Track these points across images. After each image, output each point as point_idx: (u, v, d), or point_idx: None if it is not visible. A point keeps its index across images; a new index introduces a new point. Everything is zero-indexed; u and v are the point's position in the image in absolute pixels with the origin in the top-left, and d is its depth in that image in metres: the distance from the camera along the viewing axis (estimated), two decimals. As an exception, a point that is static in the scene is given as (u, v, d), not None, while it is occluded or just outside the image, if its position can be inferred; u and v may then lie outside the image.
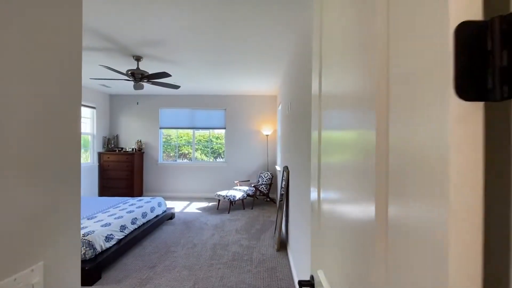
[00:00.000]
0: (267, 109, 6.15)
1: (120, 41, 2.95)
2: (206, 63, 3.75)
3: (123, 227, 3.11)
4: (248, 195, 5.25)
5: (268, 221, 4.34)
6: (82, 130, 5.59)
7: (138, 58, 3.48)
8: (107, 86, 5.45)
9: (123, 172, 5.83)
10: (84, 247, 2.55)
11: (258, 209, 5.13)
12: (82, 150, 5.71)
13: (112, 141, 6.18)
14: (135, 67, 3.53)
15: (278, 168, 5.14)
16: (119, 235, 3.00)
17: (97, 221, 3.08)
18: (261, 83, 5.06)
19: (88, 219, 3.20)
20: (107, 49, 3.23)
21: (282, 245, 3.33)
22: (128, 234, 3.19)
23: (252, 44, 3.15)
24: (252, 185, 5.42)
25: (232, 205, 5.08)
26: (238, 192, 5.03)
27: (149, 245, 3.34)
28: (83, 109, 5.54)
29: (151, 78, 3.41)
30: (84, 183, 5.51)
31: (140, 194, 6.14)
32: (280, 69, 4.00)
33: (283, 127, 4.22)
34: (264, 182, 5.50)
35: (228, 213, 4.81)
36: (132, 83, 4.44)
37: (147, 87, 5.35)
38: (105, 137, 6.11)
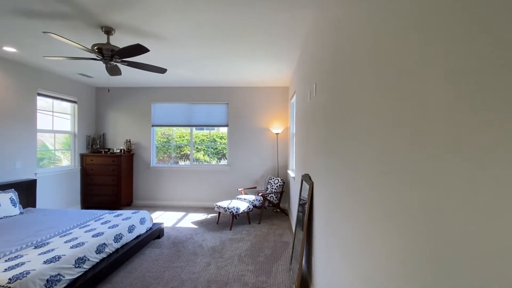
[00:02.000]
0: (277, 103, 5.22)
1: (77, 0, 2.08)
2: (202, 38, 2.85)
3: (80, 261, 2.23)
4: (254, 206, 4.33)
5: (280, 242, 3.42)
6: (61, 128, 4.77)
7: (108, 31, 2.61)
8: (88, 76, 4.61)
9: (109, 177, 4.99)
10: (7, 301, 1.68)
11: (266, 223, 4.21)
12: (65, 151, 4.89)
13: (98, 141, 5.35)
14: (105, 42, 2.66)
15: (291, 173, 4.21)
16: (72, 274, 2.12)
17: (44, 252, 2.20)
18: (270, 72, 4.14)
19: (35, 247, 2.33)
20: (62, 16, 2.36)
21: (303, 283, 2.40)
22: (89, 269, 2.31)
23: (261, 20, 2.26)
24: (260, 193, 4.50)
25: (235, 218, 4.18)
26: (242, 203, 4.12)
27: (120, 282, 2.45)
28: (61, 103, 4.72)
29: (123, 54, 2.52)
30: (64, 190, 4.68)
31: (129, 203, 5.29)
32: (294, 51, 3.07)
33: (300, 123, 3.30)
34: (273, 190, 4.58)
35: (230, 229, 3.90)
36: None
37: (134, 75, 4.49)
38: (89, 136, 5.27)
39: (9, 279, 1.78)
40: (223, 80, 4.74)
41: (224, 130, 5.60)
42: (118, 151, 5.22)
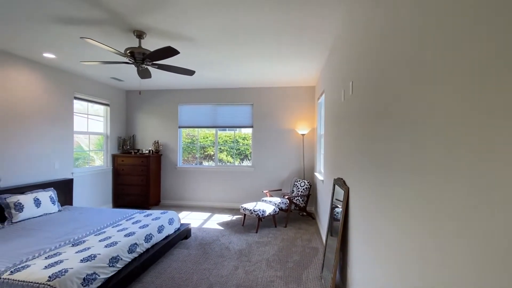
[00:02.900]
0: (302, 103, 5.08)
1: (110, 4, 2.12)
2: (230, 40, 2.81)
3: (114, 260, 2.28)
4: (280, 209, 4.23)
5: (309, 248, 3.29)
6: (95, 130, 5.00)
7: (140, 34, 2.66)
8: (120, 80, 4.80)
9: (138, 177, 5.15)
10: (48, 298, 1.74)
11: (293, 227, 4.09)
12: (98, 151, 5.13)
13: (128, 142, 5.55)
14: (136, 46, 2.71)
15: (319, 176, 4.06)
16: (106, 273, 2.17)
17: (81, 251, 2.28)
18: (296, 72, 4.03)
19: (72, 245, 2.42)
20: (97, 22, 2.44)
21: (336, 295, 2.27)
22: (122, 268, 2.35)
23: (290, 21, 2.17)
24: (286, 196, 4.40)
25: (261, 221, 4.11)
26: (268, 206, 4.04)
27: (150, 282, 2.48)
28: (94, 106, 4.96)
29: (154, 57, 2.55)
30: (97, 189, 4.91)
31: (157, 202, 5.43)
32: (323, 49, 2.93)
33: (330, 123, 3.15)
34: (300, 193, 4.45)
35: (256, 232, 3.84)
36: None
37: (162, 78, 4.59)
38: (120, 137, 5.49)
39: (49, 276, 1.84)
40: (248, 81, 4.70)
41: (246, 131, 5.57)
42: (147, 152, 5.38)
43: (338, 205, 2.52)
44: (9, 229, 2.83)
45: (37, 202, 3.34)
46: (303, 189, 4.44)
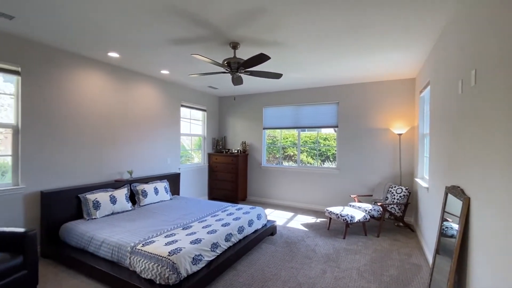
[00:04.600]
0: (399, 98, 4.50)
1: (211, 21, 2.43)
2: (322, 39, 2.77)
3: (214, 246, 2.59)
4: (372, 216, 3.87)
5: (409, 264, 2.89)
6: (195, 132, 5.81)
7: (235, 46, 2.93)
8: (214, 88, 5.41)
9: (229, 174, 5.69)
10: (168, 269, 2.12)
11: (387, 238, 3.67)
12: (196, 150, 5.95)
13: (220, 143, 6.21)
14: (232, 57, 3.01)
15: (421, 183, 3.51)
16: (209, 256, 2.48)
17: (190, 234, 2.69)
18: (392, 63, 3.60)
19: (183, 228, 2.88)
20: (201, 39, 2.83)
21: (449, 324, 1.91)
22: (220, 254, 2.65)
23: (389, 17, 1.97)
24: (378, 203, 3.99)
25: (348, 227, 3.86)
26: (357, 212, 3.76)
27: (243, 271, 2.70)
28: (195, 111, 5.76)
29: (248, 65, 2.76)
30: (196, 183, 5.69)
31: (244, 198, 5.86)
32: (429, 36, 2.50)
33: (438, 120, 2.69)
34: (395, 201, 3.95)
35: (344, 238, 3.64)
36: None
37: (249, 84, 4.92)
38: (214, 138, 6.20)
39: (169, 252, 2.25)
40: (334, 78, 4.51)
41: (326, 131, 5.40)
42: (236, 151, 5.88)
43: (449, 219, 2.12)
44: (138, 210, 3.60)
45: (156, 191, 4.13)
46: (400, 196, 3.93)
